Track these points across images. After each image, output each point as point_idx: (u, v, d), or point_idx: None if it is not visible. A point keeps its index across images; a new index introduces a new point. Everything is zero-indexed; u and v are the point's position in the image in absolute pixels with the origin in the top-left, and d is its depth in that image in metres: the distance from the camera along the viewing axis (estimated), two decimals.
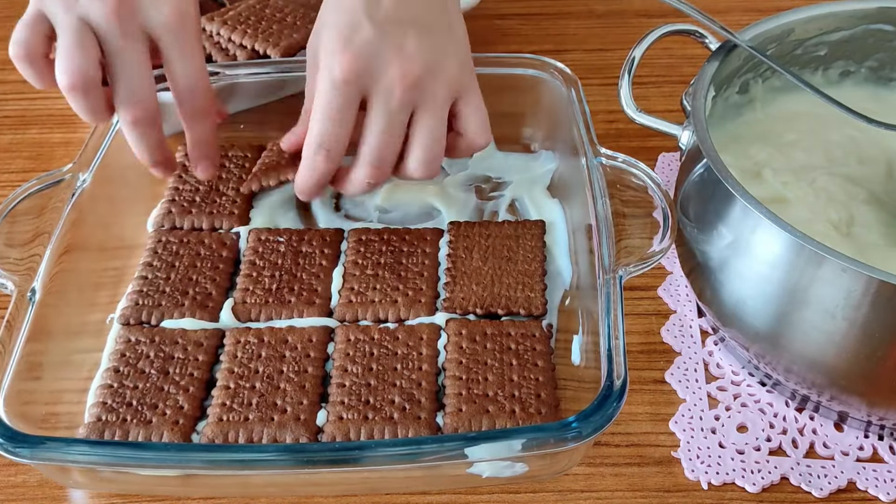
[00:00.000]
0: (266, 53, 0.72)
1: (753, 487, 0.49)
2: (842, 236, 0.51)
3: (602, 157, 0.56)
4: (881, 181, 0.56)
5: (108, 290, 0.58)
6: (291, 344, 0.53)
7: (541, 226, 0.61)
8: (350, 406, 0.49)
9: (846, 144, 0.58)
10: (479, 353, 0.52)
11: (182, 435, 0.49)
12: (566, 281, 0.58)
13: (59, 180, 0.56)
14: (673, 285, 0.60)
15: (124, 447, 0.45)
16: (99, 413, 0.49)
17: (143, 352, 0.52)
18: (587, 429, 0.42)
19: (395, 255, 0.58)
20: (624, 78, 0.57)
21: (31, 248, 0.53)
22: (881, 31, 0.58)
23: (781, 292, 0.46)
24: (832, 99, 0.54)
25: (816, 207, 0.53)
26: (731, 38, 0.55)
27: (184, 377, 0.51)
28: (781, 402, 0.53)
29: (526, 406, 0.49)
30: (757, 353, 0.50)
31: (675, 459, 0.51)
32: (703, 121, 0.51)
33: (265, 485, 0.49)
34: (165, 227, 0.61)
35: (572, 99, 0.61)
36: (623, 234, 0.52)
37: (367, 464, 0.43)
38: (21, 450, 0.42)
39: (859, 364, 0.45)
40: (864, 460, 0.50)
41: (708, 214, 0.50)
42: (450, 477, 0.49)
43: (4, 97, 0.78)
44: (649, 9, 0.87)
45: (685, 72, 0.78)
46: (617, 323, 0.46)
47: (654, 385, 0.54)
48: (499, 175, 0.66)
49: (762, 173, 0.55)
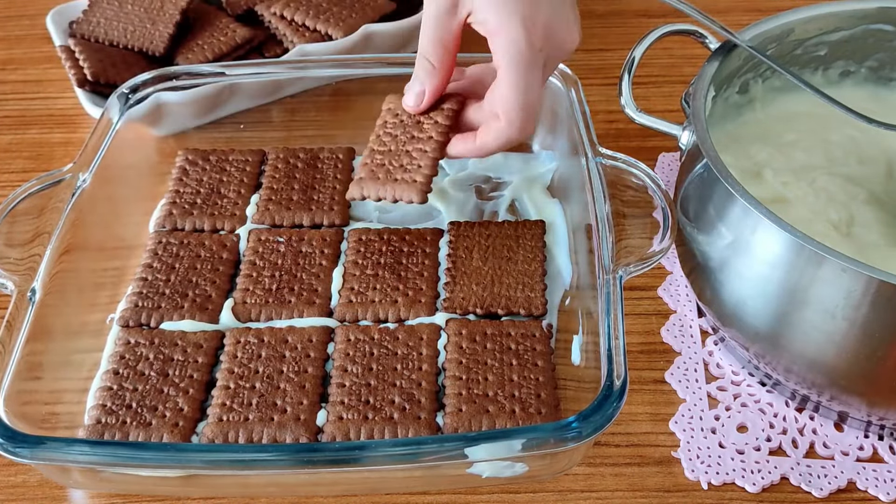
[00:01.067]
0: (328, 34, 0.74)
1: (753, 487, 0.49)
2: (842, 236, 0.51)
3: (602, 157, 0.56)
4: (881, 181, 0.56)
5: (108, 290, 0.58)
6: (291, 344, 0.53)
7: (541, 226, 0.61)
8: (350, 406, 0.49)
9: (846, 144, 0.58)
10: (479, 353, 0.52)
11: (182, 437, 0.48)
12: (566, 281, 0.58)
13: (59, 180, 0.56)
14: (673, 285, 0.60)
15: (124, 447, 0.45)
16: (98, 415, 0.49)
17: (143, 354, 0.52)
18: (587, 429, 0.42)
19: (395, 255, 0.58)
20: (624, 78, 0.57)
21: (31, 248, 0.53)
22: (881, 31, 0.58)
23: (781, 292, 0.46)
24: (832, 99, 0.54)
25: (816, 207, 0.53)
26: (731, 38, 0.55)
27: (183, 379, 0.51)
28: (781, 402, 0.53)
29: (526, 406, 0.49)
30: (757, 353, 0.50)
31: (675, 459, 0.51)
32: (703, 121, 0.51)
33: (265, 485, 0.49)
34: (167, 228, 0.61)
35: (572, 99, 0.61)
36: (623, 234, 0.52)
37: (368, 464, 0.43)
38: (21, 450, 0.43)
39: (859, 364, 0.45)
40: (864, 460, 0.50)
41: (708, 214, 0.50)
42: (450, 477, 0.49)
43: (4, 97, 0.78)
44: (649, 9, 0.87)
45: (685, 72, 0.78)
46: (617, 323, 0.46)
47: (654, 385, 0.54)
48: (499, 175, 0.66)
49: (762, 173, 0.55)
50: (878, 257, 0.49)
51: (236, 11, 0.78)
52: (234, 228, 0.61)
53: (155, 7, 0.75)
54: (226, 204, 0.62)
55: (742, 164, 0.56)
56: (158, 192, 0.64)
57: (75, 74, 0.71)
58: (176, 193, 0.63)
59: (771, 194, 0.54)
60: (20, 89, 0.79)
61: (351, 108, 0.68)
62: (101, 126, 0.60)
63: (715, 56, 0.55)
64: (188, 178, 0.64)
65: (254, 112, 0.72)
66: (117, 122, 0.61)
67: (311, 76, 0.71)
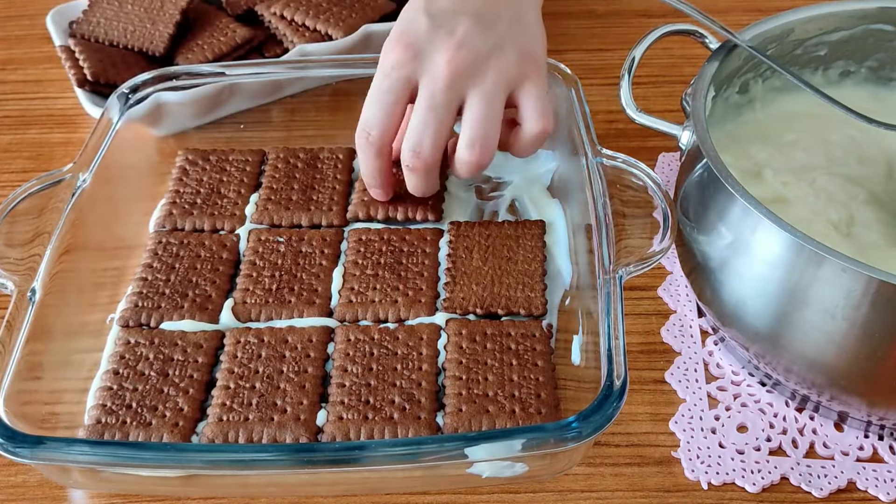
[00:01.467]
0: (328, 34, 0.74)
1: (753, 487, 0.49)
2: (842, 236, 0.51)
3: (602, 157, 0.56)
4: (881, 181, 0.56)
5: (108, 290, 0.58)
6: (291, 344, 0.53)
7: (541, 226, 0.61)
8: (350, 406, 0.49)
9: (846, 144, 0.58)
10: (479, 353, 0.52)
11: (182, 437, 0.48)
12: (566, 281, 0.58)
13: (59, 180, 0.56)
14: (673, 285, 0.60)
15: (124, 447, 0.45)
16: (98, 415, 0.49)
17: (143, 354, 0.52)
18: (587, 429, 0.42)
19: (395, 255, 0.58)
20: (624, 78, 0.57)
21: (31, 248, 0.53)
22: (881, 31, 0.58)
23: (781, 292, 0.46)
24: (832, 99, 0.54)
25: (816, 207, 0.53)
26: (731, 38, 0.55)
27: (183, 379, 0.51)
28: (781, 402, 0.53)
29: (526, 406, 0.49)
30: (757, 353, 0.50)
31: (675, 459, 0.51)
32: (703, 121, 0.51)
33: (265, 485, 0.49)
34: (167, 228, 0.61)
35: (572, 99, 0.61)
36: (623, 234, 0.52)
37: (368, 464, 0.43)
38: (21, 450, 0.42)
39: (859, 364, 0.45)
40: (864, 460, 0.50)
41: (708, 214, 0.50)
42: (450, 477, 0.49)
43: (4, 97, 0.78)
44: (649, 9, 0.87)
45: (685, 72, 0.78)
46: (617, 323, 0.46)
47: (654, 385, 0.54)
48: (499, 175, 0.66)
49: (762, 173, 0.55)
50: (878, 257, 0.49)
51: (236, 11, 0.78)
52: (234, 228, 0.61)
53: (155, 7, 0.75)
54: (226, 204, 0.62)
55: (742, 164, 0.56)
56: (158, 192, 0.64)
57: (75, 74, 0.71)
58: (176, 193, 0.63)
59: (771, 194, 0.54)
60: (20, 89, 0.79)
61: (351, 108, 0.68)
62: (101, 126, 0.60)
63: (715, 56, 0.55)
64: (188, 177, 0.64)
65: (254, 112, 0.72)
66: (117, 122, 0.61)
67: (311, 76, 0.71)
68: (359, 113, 0.56)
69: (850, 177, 0.55)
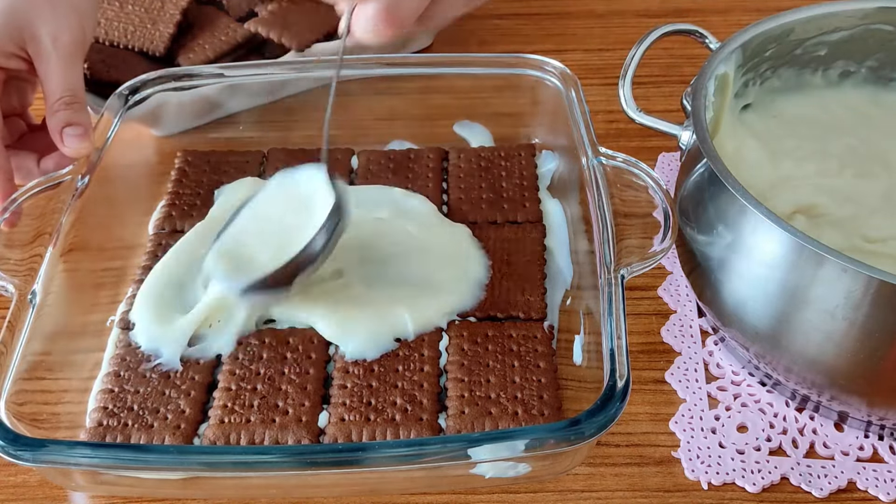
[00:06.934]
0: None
1: (753, 487, 0.49)
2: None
3: (602, 157, 0.56)
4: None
5: (108, 291, 0.58)
6: (293, 345, 0.53)
7: (541, 228, 0.61)
8: (352, 408, 0.49)
9: (844, 149, 0.58)
10: (480, 354, 0.52)
11: (183, 439, 0.48)
12: (567, 281, 0.58)
13: (60, 181, 0.56)
14: (673, 285, 0.60)
15: (126, 450, 0.45)
16: (100, 418, 0.49)
17: (144, 356, 0.52)
18: (590, 429, 0.42)
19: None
20: (624, 78, 0.57)
21: (32, 249, 0.53)
22: (881, 31, 0.58)
23: (781, 292, 0.46)
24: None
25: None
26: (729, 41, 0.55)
27: (185, 381, 0.51)
28: (781, 402, 0.53)
29: (528, 407, 0.49)
30: (757, 353, 0.50)
31: (675, 459, 0.51)
32: (703, 121, 0.51)
33: (266, 486, 0.49)
34: (166, 229, 0.61)
35: (572, 99, 0.61)
36: (623, 234, 0.52)
37: (370, 465, 0.42)
38: (23, 453, 0.42)
39: (859, 364, 0.45)
40: (864, 460, 0.50)
41: (708, 214, 0.50)
42: (452, 478, 0.49)
43: None
44: (649, 9, 0.87)
45: (685, 72, 0.78)
46: (619, 323, 0.46)
47: (655, 385, 0.55)
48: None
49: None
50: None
51: (238, 14, 0.78)
52: None
53: (155, 7, 0.75)
54: None
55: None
56: (158, 192, 0.64)
57: None
58: (175, 195, 0.63)
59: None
60: None
61: (351, 108, 0.68)
62: (100, 126, 0.60)
63: (715, 56, 0.55)
64: (187, 179, 0.64)
65: (254, 112, 0.72)
66: (117, 122, 0.61)
67: (311, 76, 0.71)
68: (359, 113, 0.55)
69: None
